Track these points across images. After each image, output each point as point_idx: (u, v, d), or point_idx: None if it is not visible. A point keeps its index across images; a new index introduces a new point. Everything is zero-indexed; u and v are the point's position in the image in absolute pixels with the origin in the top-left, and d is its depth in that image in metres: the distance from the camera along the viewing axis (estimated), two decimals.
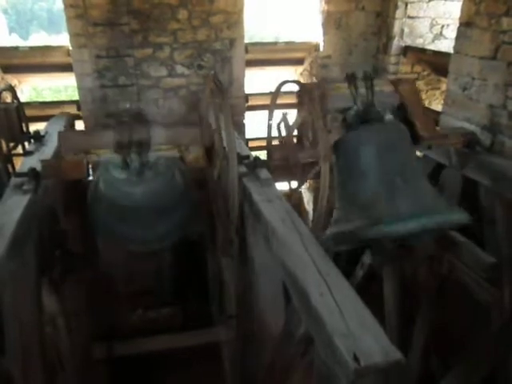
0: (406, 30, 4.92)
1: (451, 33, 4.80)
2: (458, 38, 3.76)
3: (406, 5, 4.80)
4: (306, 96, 2.71)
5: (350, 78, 2.95)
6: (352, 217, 2.81)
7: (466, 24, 3.64)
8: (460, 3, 3.76)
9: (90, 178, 3.88)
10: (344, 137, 3.00)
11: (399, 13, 4.83)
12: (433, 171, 3.80)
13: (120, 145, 2.76)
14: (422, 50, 4.84)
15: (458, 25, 3.77)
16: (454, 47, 3.81)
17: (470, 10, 3.58)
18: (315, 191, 5.86)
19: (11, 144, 3.94)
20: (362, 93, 2.97)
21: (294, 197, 3.39)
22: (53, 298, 2.93)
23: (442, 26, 4.99)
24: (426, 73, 5.15)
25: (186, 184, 3.37)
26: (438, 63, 4.55)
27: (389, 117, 2.99)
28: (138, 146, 2.77)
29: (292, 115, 3.37)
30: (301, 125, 3.14)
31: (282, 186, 3.59)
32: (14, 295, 2.34)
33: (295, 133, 3.44)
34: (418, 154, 4.03)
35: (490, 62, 3.41)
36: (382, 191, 2.80)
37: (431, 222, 2.75)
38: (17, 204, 2.52)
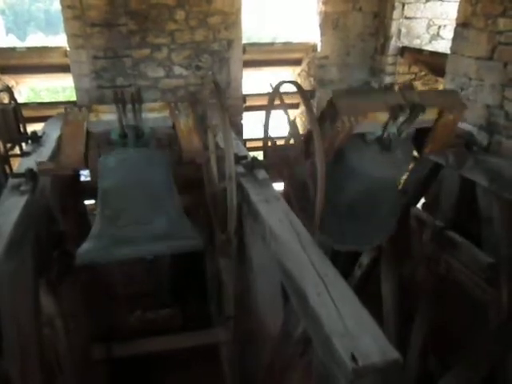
0: (403, 30, 4.93)
1: (448, 33, 4.82)
2: (454, 39, 3.77)
3: (403, 5, 4.81)
4: (303, 99, 2.70)
5: (395, 110, 2.64)
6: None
7: (462, 25, 3.65)
8: (457, 4, 3.78)
9: (87, 178, 3.89)
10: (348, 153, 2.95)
11: (396, 13, 4.84)
12: (430, 171, 3.81)
13: (117, 96, 2.85)
14: (419, 51, 4.85)
15: (454, 25, 3.78)
16: (451, 48, 3.82)
17: (466, 10, 3.59)
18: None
19: (8, 145, 3.94)
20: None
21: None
22: (51, 299, 2.93)
23: (439, 27, 5.01)
24: (423, 73, 5.17)
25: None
26: (435, 64, 4.57)
27: (406, 149, 2.94)
28: (131, 96, 2.86)
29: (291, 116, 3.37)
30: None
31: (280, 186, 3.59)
32: (12, 296, 2.33)
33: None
34: (416, 154, 4.04)
35: (487, 62, 3.42)
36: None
37: None
38: (14, 205, 2.51)
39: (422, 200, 4.28)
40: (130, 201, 2.90)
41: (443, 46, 4.92)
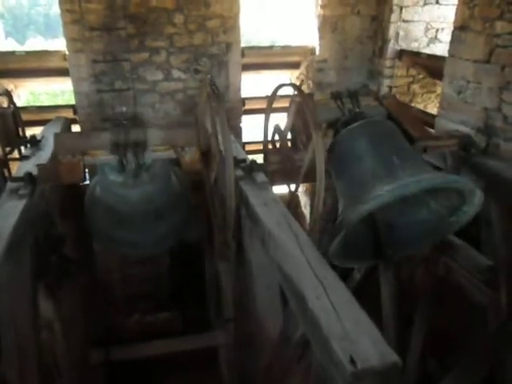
0: (401, 33, 4.95)
1: (446, 36, 4.83)
2: (452, 42, 3.79)
3: (401, 9, 4.83)
4: (302, 98, 2.71)
5: (336, 96, 3.01)
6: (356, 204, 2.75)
7: (460, 28, 3.67)
8: (454, 7, 3.79)
9: (87, 182, 3.88)
10: (337, 138, 3.00)
11: (394, 17, 4.86)
12: None
13: (116, 145, 2.74)
14: (417, 54, 4.87)
15: (452, 29, 3.80)
16: (449, 51, 3.84)
17: (464, 14, 3.61)
18: (312, 194, 5.87)
19: (7, 148, 3.93)
20: (349, 108, 3.02)
21: (292, 200, 3.40)
22: (49, 303, 2.92)
23: (437, 30, 5.02)
24: (421, 76, 5.18)
25: (183, 187, 3.36)
26: (433, 67, 4.58)
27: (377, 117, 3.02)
28: (134, 146, 2.75)
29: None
30: (293, 128, 3.16)
31: (279, 189, 3.60)
32: (10, 300, 2.33)
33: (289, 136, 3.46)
34: None
35: (485, 65, 3.43)
36: (380, 172, 2.67)
37: (432, 183, 2.54)
38: (13, 209, 2.51)
39: None
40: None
41: (441, 49, 4.94)
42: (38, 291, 2.75)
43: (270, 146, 3.31)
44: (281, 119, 3.63)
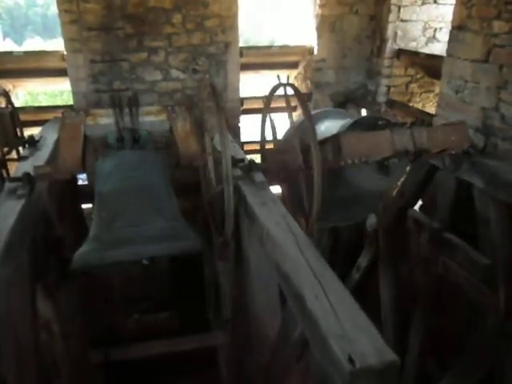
0: (400, 33, 4.95)
1: (444, 36, 4.84)
2: (450, 42, 3.79)
3: (399, 8, 4.83)
4: (300, 100, 2.71)
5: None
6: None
7: (458, 27, 3.67)
8: (452, 7, 3.80)
9: (85, 182, 3.88)
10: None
11: (392, 16, 4.86)
12: (427, 174, 3.82)
13: (113, 100, 2.87)
14: (415, 53, 4.87)
15: (450, 28, 3.80)
16: (447, 50, 3.84)
17: (462, 13, 3.61)
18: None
19: (5, 149, 3.93)
20: None
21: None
22: (48, 304, 2.92)
23: (435, 30, 5.03)
24: (419, 76, 5.18)
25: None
26: (431, 66, 4.59)
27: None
28: (128, 101, 2.91)
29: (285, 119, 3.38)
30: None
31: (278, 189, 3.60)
32: (9, 301, 2.33)
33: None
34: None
35: (482, 64, 3.44)
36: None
37: None
38: (11, 209, 2.51)
39: (420, 202, 4.29)
40: (126, 204, 2.89)
41: (439, 48, 4.94)
42: (37, 292, 2.74)
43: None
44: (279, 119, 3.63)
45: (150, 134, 3.03)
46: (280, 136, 3.45)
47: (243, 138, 5.28)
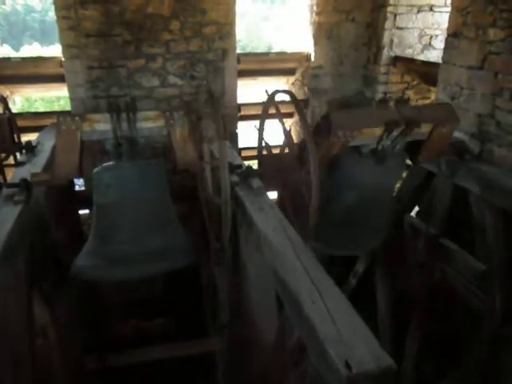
0: (396, 40, 5.00)
1: (440, 43, 4.89)
2: (446, 49, 3.83)
3: (395, 16, 4.88)
4: (297, 106, 2.73)
5: (388, 124, 2.71)
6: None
7: (453, 35, 3.71)
8: (448, 14, 3.84)
9: (82, 188, 3.88)
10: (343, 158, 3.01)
11: (388, 24, 4.91)
12: (423, 179, 3.84)
13: (111, 106, 2.84)
14: (412, 60, 4.91)
15: (446, 35, 3.84)
16: (443, 57, 3.87)
17: (457, 21, 3.65)
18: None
19: (3, 155, 3.92)
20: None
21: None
22: (44, 309, 2.91)
23: (431, 37, 5.08)
24: (415, 82, 5.23)
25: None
26: (427, 73, 4.62)
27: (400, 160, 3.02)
28: (126, 107, 2.86)
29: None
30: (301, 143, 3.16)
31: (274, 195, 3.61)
32: (5, 306, 2.32)
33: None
34: (409, 162, 4.08)
35: (478, 71, 3.47)
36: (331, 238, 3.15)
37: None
38: (8, 215, 2.50)
39: (416, 208, 4.31)
40: (125, 218, 2.92)
41: (435, 55, 4.99)
42: (33, 297, 2.74)
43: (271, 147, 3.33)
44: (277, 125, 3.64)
45: (147, 141, 3.03)
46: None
47: (241, 144, 5.30)
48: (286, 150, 3.16)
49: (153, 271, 3.04)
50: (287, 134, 3.07)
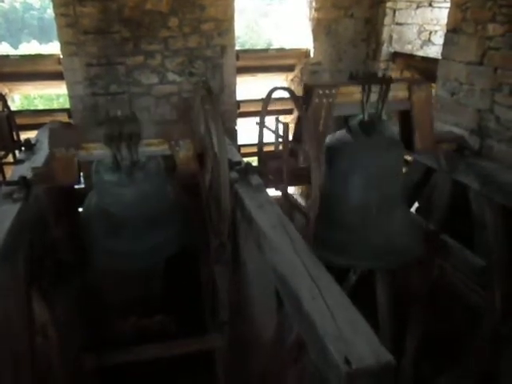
0: (395, 36, 4.98)
1: (439, 39, 4.88)
2: (445, 44, 3.82)
3: (394, 12, 4.87)
4: (297, 103, 2.72)
5: (364, 81, 2.80)
6: (329, 237, 2.90)
7: (453, 30, 3.70)
8: (447, 10, 3.82)
9: (82, 185, 3.87)
10: (338, 145, 3.01)
11: (388, 19, 4.90)
12: (423, 175, 3.84)
13: (110, 137, 2.69)
14: (411, 56, 4.91)
15: (445, 31, 3.83)
16: (442, 53, 3.87)
17: (456, 16, 3.64)
18: (307, 197, 5.88)
19: (2, 153, 3.92)
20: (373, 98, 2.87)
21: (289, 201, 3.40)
22: (44, 308, 2.90)
23: (430, 33, 5.07)
24: (414, 78, 5.21)
25: (177, 192, 3.36)
26: (426, 69, 4.61)
27: (391, 132, 3.00)
28: (127, 138, 2.71)
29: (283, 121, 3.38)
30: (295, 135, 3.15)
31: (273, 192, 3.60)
32: (4, 304, 2.32)
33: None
34: (409, 158, 4.07)
35: (477, 67, 3.46)
36: (357, 219, 2.94)
37: (389, 264, 3.11)
38: (7, 213, 2.50)
39: (416, 204, 4.30)
40: (128, 220, 2.95)
41: (434, 51, 4.98)
42: (33, 296, 2.74)
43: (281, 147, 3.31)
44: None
45: (148, 159, 2.96)
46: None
47: (240, 141, 5.29)
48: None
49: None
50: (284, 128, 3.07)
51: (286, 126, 2.84)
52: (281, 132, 2.90)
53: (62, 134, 2.91)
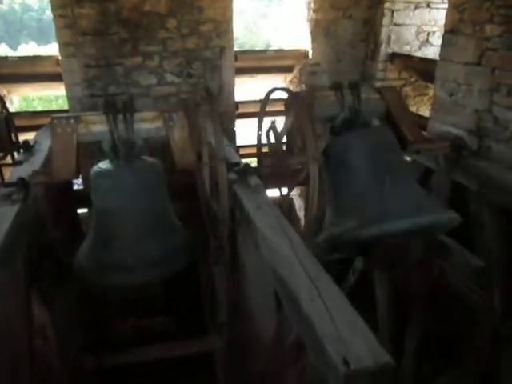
0: (393, 37, 4.99)
1: (437, 40, 4.89)
2: (443, 45, 3.82)
3: (393, 12, 4.88)
4: (295, 102, 2.73)
5: (336, 87, 3.03)
6: (343, 219, 2.84)
7: (450, 31, 3.70)
8: (445, 11, 3.83)
9: (80, 186, 3.88)
10: (333, 142, 3.05)
11: (386, 20, 4.91)
12: (422, 176, 3.84)
13: (107, 104, 2.78)
14: (409, 57, 4.91)
15: (443, 32, 3.83)
16: (440, 54, 3.87)
17: (454, 17, 3.65)
18: (307, 197, 5.88)
19: (0, 154, 3.92)
20: (349, 101, 3.04)
21: (285, 203, 3.41)
22: (43, 309, 2.90)
23: (428, 33, 5.08)
24: (413, 79, 5.23)
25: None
26: (424, 69, 4.62)
27: (375, 122, 3.04)
28: (123, 107, 2.81)
29: (281, 122, 3.39)
30: (289, 131, 3.16)
31: (273, 192, 3.60)
32: (3, 306, 2.32)
33: (284, 140, 3.46)
34: (407, 159, 4.07)
35: (475, 67, 3.46)
36: (371, 192, 2.84)
37: (421, 222, 2.76)
38: (6, 214, 2.50)
39: None
40: (125, 224, 2.91)
41: (432, 52, 4.99)
42: (32, 297, 2.73)
43: (264, 145, 3.33)
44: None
45: (145, 143, 2.99)
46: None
47: (238, 142, 5.30)
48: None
49: (153, 275, 3.02)
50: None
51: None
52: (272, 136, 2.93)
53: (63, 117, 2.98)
